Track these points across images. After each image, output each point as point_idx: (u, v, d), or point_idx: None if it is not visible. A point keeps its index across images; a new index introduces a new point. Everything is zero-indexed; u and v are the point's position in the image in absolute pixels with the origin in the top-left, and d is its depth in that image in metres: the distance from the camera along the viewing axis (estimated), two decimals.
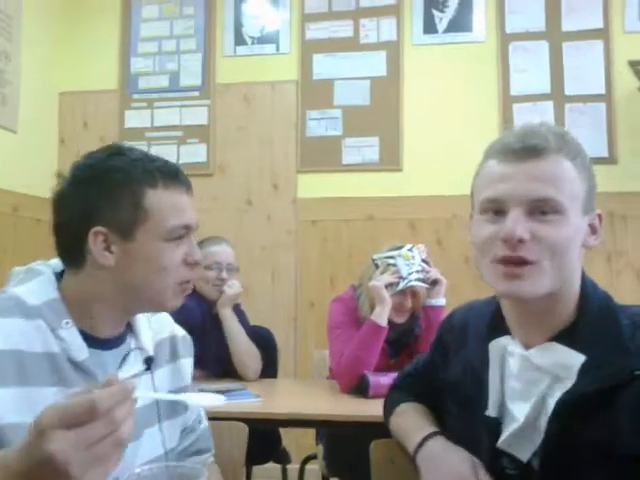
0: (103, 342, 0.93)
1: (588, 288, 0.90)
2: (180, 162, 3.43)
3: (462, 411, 1.00)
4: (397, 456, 1.13)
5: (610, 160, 3.11)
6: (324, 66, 3.44)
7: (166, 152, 3.45)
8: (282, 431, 2.35)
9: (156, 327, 1.05)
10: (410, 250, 2.10)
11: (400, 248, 2.11)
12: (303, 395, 2.08)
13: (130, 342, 0.98)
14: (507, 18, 3.32)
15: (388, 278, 2.04)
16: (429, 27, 3.38)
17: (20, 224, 3.13)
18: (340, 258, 3.22)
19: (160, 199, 0.90)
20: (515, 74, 3.29)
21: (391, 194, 3.23)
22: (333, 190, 3.31)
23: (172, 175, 0.93)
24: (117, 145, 0.95)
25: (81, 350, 0.88)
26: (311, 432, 2.25)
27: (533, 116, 3.23)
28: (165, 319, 1.10)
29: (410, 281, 2.04)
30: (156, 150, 3.45)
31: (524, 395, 0.89)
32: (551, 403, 0.85)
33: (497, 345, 0.94)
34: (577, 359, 0.84)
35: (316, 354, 2.51)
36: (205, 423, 1.14)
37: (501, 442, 0.91)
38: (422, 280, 2.07)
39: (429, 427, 1.05)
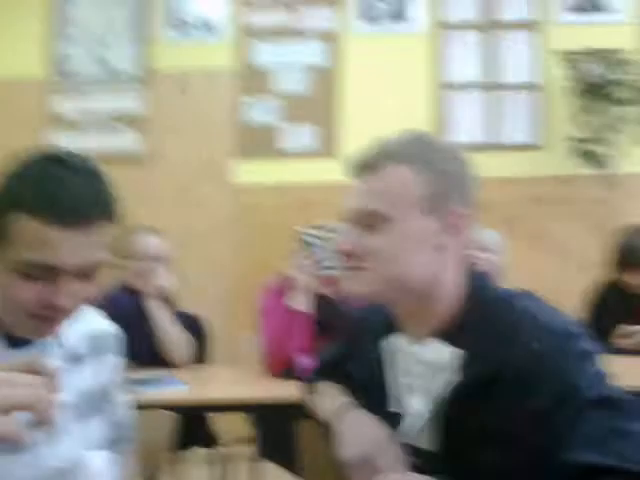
0: (20, 340, 0.88)
1: (473, 283, 0.92)
2: (113, 150, 3.35)
3: (365, 405, 1.02)
4: (323, 435, 1.14)
5: (538, 147, 3.23)
6: (262, 53, 3.41)
7: (98, 140, 3.36)
8: (212, 415, 2.33)
9: (81, 321, 0.98)
10: (331, 232, 2.05)
11: (322, 229, 2.07)
12: (229, 381, 2.10)
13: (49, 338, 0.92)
14: (443, 8, 3.38)
15: (303, 262, 2.02)
16: (367, 16, 3.40)
17: None
18: (274, 245, 3.21)
19: (20, 226, 0.78)
20: (449, 63, 3.35)
21: (327, 181, 3.25)
22: (270, 177, 3.30)
23: (51, 206, 0.77)
24: (38, 157, 0.84)
25: None
26: (239, 415, 2.25)
27: (467, 105, 3.31)
28: (91, 313, 1.04)
29: (324, 268, 2.02)
30: (88, 138, 3.36)
31: (412, 388, 0.93)
32: (437, 395, 0.89)
33: (388, 344, 0.98)
34: (452, 353, 0.88)
35: (246, 339, 2.50)
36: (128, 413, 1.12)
37: (403, 437, 0.94)
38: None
39: (345, 399, 1.07)
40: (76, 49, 3.45)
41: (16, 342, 0.88)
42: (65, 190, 0.79)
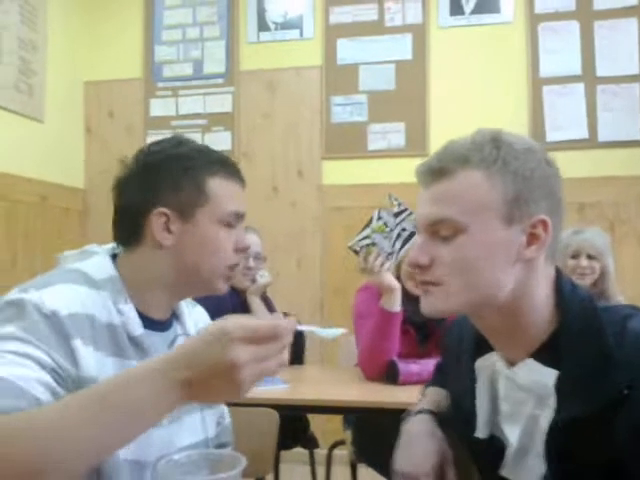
0: (154, 323, 0.96)
1: (565, 296, 0.84)
2: None
3: (458, 428, 0.97)
4: None
5: None
6: (348, 51, 3.40)
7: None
8: (309, 417, 2.35)
9: (195, 317, 1.08)
10: (379, 219, 1.92)
11: (369, 223, 1.93)
12: (330, 382, 2.08)
13: (176, 327, 1.02)
14: None
15: (376, 264, 1.91)
16: (455, 8, 3.32)
17: (49, 213, 3.17)
18: None
19: (219, 186, 0.96)
20: (545, 55, 3.21)
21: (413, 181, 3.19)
22: (357, 177, 3.28)
23: (231, 167, 1.00)
24: (181, 137, 1.02)
25: (137, 325, 0.92)
26: (337, 418, 2.25)
27: (564, 99, 3.16)
28: (201, 311, 1.13)
29: (399, 252, 1.92)
30: None
31: (514, 417, 0.86)
32: (543, 424, 0.81)
33: (484, 364, 0.91)
34: (550, 375, 0.80)
35: (342, 341, 2.50)
36: (229, 419, 1.15)
37: (504, 470, 0.87)
38: (410, 236, 1.88)
39: (427, 404, 1.03)
40: (170, 51, 3.57)
41: (150, 324, 0.95)
42: (228, 157, 1.02)
